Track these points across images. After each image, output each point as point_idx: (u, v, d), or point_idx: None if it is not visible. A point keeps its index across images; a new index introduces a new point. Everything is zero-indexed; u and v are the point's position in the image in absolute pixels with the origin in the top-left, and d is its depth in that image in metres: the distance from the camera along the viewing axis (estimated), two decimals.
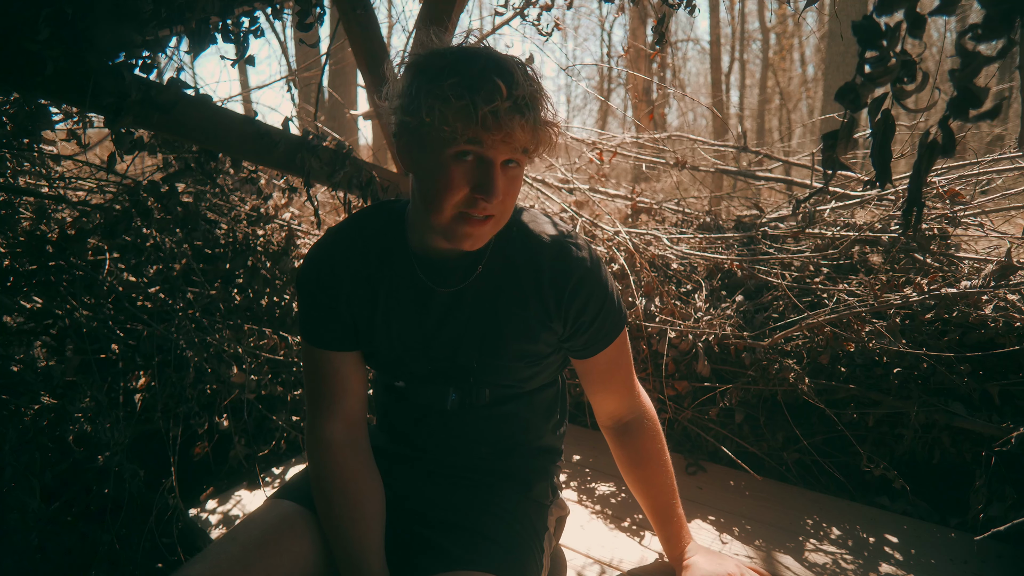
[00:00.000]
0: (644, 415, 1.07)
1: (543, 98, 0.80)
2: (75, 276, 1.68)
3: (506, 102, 0.74)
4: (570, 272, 0.92)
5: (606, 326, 0.97)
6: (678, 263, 2.11)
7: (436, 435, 1.05)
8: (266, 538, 0.90)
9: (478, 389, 0.99)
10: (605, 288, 0.96)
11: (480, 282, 0.93)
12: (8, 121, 1.44)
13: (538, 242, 0.93)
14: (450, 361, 0.97)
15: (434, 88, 0.75)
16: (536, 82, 0.79)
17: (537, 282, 0.92)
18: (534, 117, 0.78)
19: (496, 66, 0.76)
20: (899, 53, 0.52)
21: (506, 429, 1.05)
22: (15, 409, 1.49)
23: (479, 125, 0.75)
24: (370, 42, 1.88)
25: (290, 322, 2.18)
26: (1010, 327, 1.48)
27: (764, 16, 13.47)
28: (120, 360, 1.73)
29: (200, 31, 1.37)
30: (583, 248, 0.95)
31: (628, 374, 1.05)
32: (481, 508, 1.00)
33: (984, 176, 2.04)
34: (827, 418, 1.62)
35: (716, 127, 10.68)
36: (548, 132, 0.81)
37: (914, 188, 0.52)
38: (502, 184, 0.80)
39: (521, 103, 0.76)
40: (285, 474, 1.71)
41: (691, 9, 1.98)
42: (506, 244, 0.94)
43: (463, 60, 0.76)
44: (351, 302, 0.95)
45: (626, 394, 1.05)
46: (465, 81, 0.74)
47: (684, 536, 1.10)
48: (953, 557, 1.28)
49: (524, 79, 0.77)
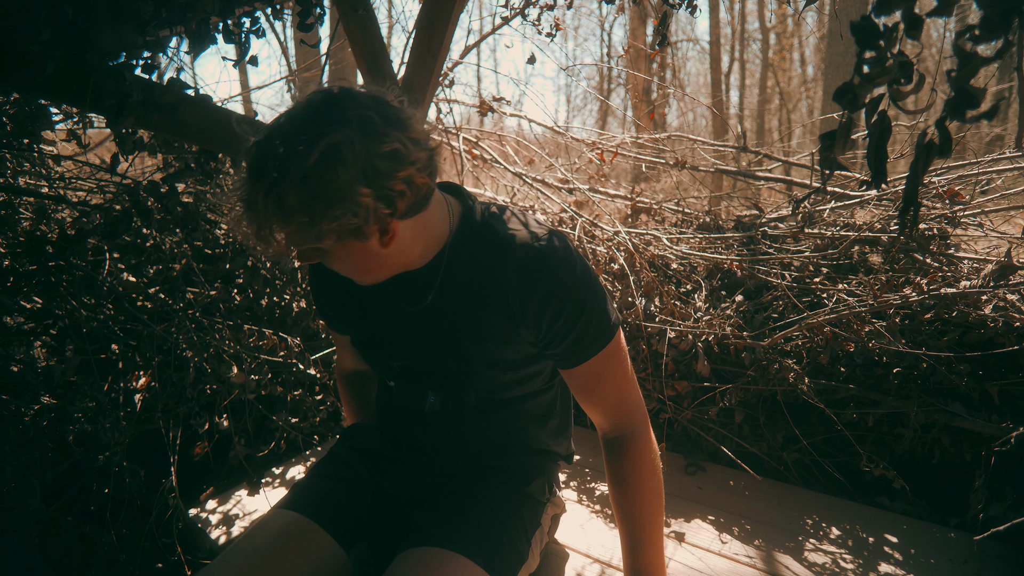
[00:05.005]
0: (630, 438, 0.97)
1: (282, 209, 0.71)
2: (75, 276, 1.68)
3: (255, 228, 0.74)
4: (536, 282, 0.87)
5: (585, 339, 0.91)
6: (678, 263, 2.11)
7: (427, 436, 1.06)
8: (272, 550, 0.92)
9: (463, 393, 1.00)
10: (581, 299, 0.89)
11: (443, 292, 0.93)
12: (8, 121, 1.44)
13: (503, 249, 0.89)
14: (430, 365, 0.99)
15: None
16: (278, 194, 0.70)
17: (502, 292, 0.89)
18: (271, 229, 0.73)
19: (247, 198, 0.73)
20: (896, 54, 0.52)
21: (499, 433, 1.04)
22: (15, 409, 1.49)
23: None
24: (370, 42, 1.88)
25: (290, 322, 2.18)
26: (1010, 327, 1.48)
27: (764, 16, 13.47)
28: (120, 360, 1.73)
29: (200, 31, 1.37)
30: (557, 254, 0.89)
31: (614, 390, 0.97)
32: (471, 498, 1.01)
33: (983, 176, 2.05)
34: (827, 418, 1.62)
35: (716, 127, 10.68)
36: (304, 229, 0.73)
37: (911, 188, 0.52)
38: (335, 263, 0.84)
39: (264, 227, 0.73)
40: (285, 474, 1.71)
41: (691, 9, 1.98)
42: (471, 251, 0.91)
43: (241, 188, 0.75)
44: (343, 308, 1.05)
45: (609, 411, 0.98)
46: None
47: (643, 574, 0.97)
48: (953, 557, 1.28)
49: (265, 200, 0.71)
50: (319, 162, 0.69)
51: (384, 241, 0.79)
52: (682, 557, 1.30)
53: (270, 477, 1.70)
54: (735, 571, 1.25)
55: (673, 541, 1.36)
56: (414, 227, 0.84)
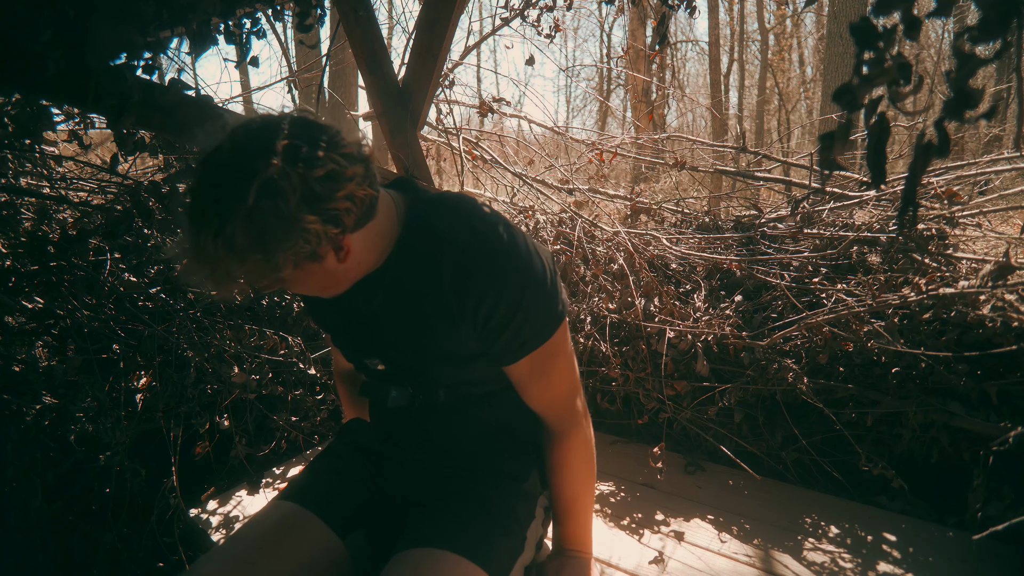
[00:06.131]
0: (561, 435, 1.00)
1: (231, 249, 0.71)
2: (76, 276, 1.69)
3: (209, 272, 0.74)
4: (469, 280, 0.86)
5: (519, 339, 0.90)
6: (677, 263, 2.12)
7: (405, 432, 1.08)
8: (270, 538, 0.95)
9: (430, 390, 1.01)
10: (516, 299, 0.87)
11: (390, 292, 0.93)
12: (10, 122, 1.44)
13: (440, 246, 0.88)
14: (392, 363, 1.02)
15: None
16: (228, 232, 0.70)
17: (440, 290, 0.88)
18: (228, 271, 0.73)
19: (195, 244, 0.73)
20: (895, 55, 0.52)
21: (480, 429, 1.05)
22: (17, 409, 1.49)
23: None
24: (370, 43, 1.89)
25: (291, 322, 2.18)
26: (1008, 327, 1.49)
27: (763, 17, 13.48)
28: (121, 360, 1.73)
29: (201, 32, 1.37)
30: (493, 251, 0.87)
31: (547, 389, 0.97)
32: (464, 497, 1.02)
33: (982, 177, 2.05)
34: (826, 418, 1.62)
35: (715, 128, 10.69)
36: (260, 266, 0.73)
37: (909, 188, 0.53)
38: (297, 287, 0.86)
39: (218, 270, 0.73)
40: (286, 474, 1.71)
41: (690, 10, 1.98)
42: (413, 249, 0.90)
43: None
44: (323, 310, 1.08)
45: (543, 408, 0.99)
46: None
47: (568, 542, 1.07)
48: (951, 556, 1.28)
49: (214, 244, 0.71)
50: (258, 199, 0.69)
51: (341, 257, 0.81)
52: (682, 556, 1.31)
53: (271, 477, 1.70)
54: (734, 570, 1.26)
55: (673, 540, 1.37)
56: (366, 237, 0.84)
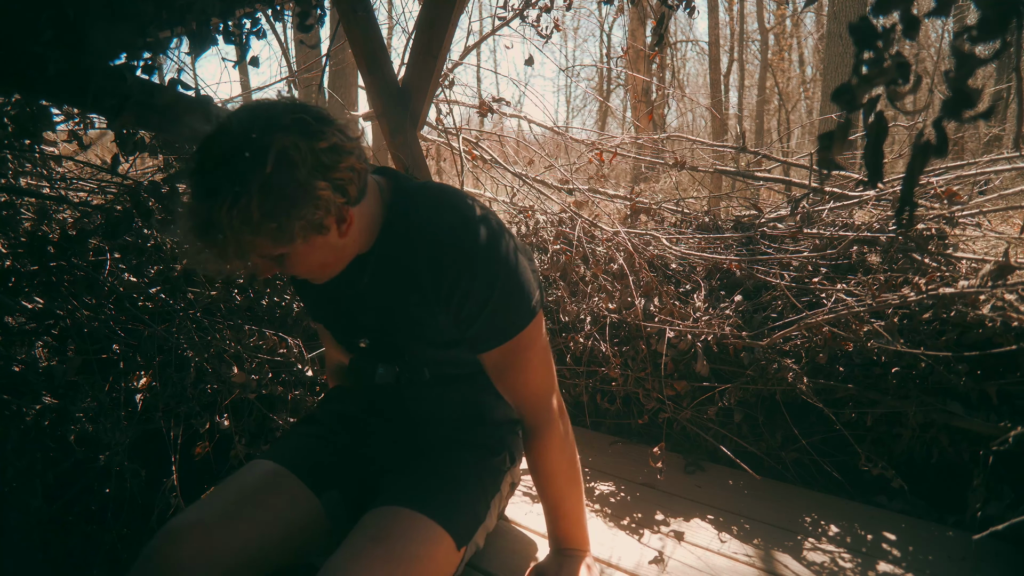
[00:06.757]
0: (537, 431, 1.01)
1: (240, 225, 0.73)
2: (76, 276, 1.69)
3: (221, 249, 0.76)
4: (445, 267, 0.89)
5: (492, 327, 0.92)
6: (677, 263, 2.12)
7: (389, 407, 1.13)
8: (248, 493, 1.00)
9: (415, 368, 1.05)
10: (489, 287, 0.89)
11: (376, 274, 0.98)
12: (10, 122, 1.44)
13: (421, 233, 0.91)
14: (379, 342, 1.07)
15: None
16: (233, 216, 0.72)
17: (418, 275, 0.92)
18: (239, 244, 0.75)
19: (207, 221, 0.74)
20: (894, 55, 0.52)
21: (460, 406, 1.10)
22: (17, 409, 1.49)
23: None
24: (370, 43, 1.89)
25: (291, 322, 2.18)
26: (1008, 327, 1.49)
27: (763, 17, 13.48)
28: (121, 360, 1.73)
29: (201, 33, 1.37)
30: (470, 240, 0.89)
31: (523, 382, 0.98)
32: (437, 465, 1.06)
33: (981, 176, 2.05)
34: (825, 417, 1.62)
35: (715, 128, 10.69)
36: (275, 235, 0.76)
37: (907, 188, 0.53)
38: (298, 266, 0.87)
39: (230, 245, 0.75)
40: None
41: (690, 10, 1.98)
42: (397, 234, 0.94)
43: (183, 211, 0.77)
44: (314, 294, 1.11)
45: (517, 402, 1.01)
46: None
47: (564, 540, 1.08)
48: (951, 555, 1.28)
49: (229, 215, 0.72)
50: (275, 168, 0.72)
51: (343, 230, 0.84)
52: (681, 556, 1.31)
53: None
54: (734, 570, 1.26)
55: (672, 540, 1.37)
56: (360, 214, 0.88)
